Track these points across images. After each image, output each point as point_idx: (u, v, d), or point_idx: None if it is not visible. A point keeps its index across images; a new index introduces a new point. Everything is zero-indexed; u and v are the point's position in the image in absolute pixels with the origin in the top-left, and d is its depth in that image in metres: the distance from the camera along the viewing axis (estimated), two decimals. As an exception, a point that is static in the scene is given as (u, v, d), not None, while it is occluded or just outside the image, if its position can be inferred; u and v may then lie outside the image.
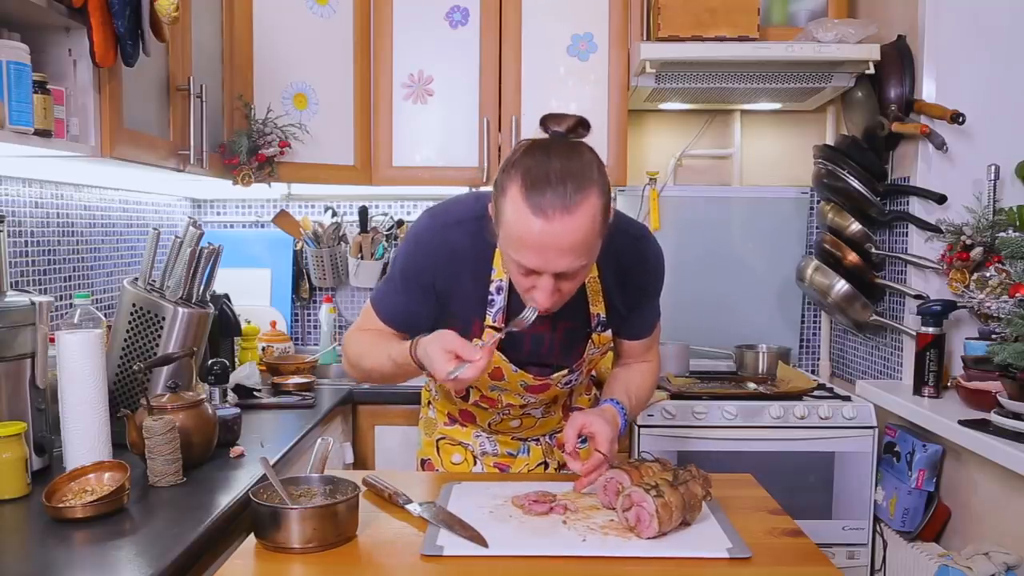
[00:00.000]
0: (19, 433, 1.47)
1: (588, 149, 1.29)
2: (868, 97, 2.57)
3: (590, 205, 1.23)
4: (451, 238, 1.46)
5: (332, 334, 3.05)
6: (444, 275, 1.47)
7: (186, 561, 1.26)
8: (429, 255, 1.47)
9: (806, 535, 1.31)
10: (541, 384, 1.56)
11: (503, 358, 1.51)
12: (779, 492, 1.60)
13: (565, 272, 1.27)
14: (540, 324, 1.43)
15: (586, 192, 1.22)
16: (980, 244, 2.22)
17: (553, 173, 1.22)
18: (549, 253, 1.24)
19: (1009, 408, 1.91)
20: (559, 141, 1.28)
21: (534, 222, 1.22)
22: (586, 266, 1.30)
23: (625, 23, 2.73)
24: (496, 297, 1.47)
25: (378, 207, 3.14)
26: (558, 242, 1.23)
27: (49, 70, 1.63)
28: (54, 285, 2.16)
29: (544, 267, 1.26)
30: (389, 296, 1.54)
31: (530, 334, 1.47)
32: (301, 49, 2.66)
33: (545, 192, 1.21)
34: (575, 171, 1.23)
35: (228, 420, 1.83)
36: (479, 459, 1.73)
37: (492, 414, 1.65)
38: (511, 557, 1.20)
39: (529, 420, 1.67)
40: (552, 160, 1.24)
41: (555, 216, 1.21)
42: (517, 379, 1.54)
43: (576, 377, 1.60)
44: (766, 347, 2.90)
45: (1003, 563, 1.88)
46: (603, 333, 1.55)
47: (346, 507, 1.26)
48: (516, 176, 1.24)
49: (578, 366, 1.57)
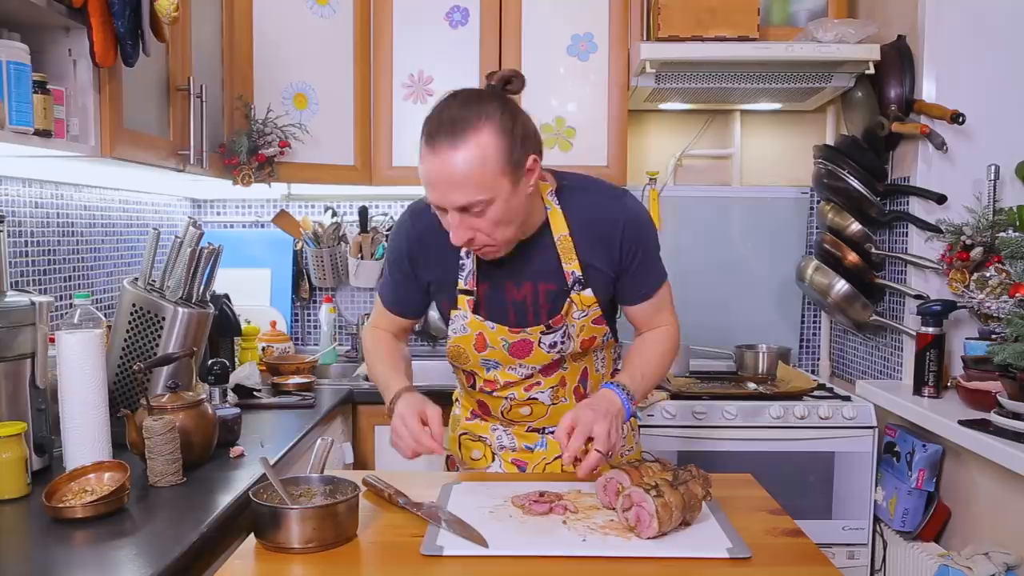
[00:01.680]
0: (19, 433, 1.47)
1: (500, 97, 1.43)
2: (868, 97, 2.57)
3: (480, 142, 1.35)
4: (418, 223, 1.60)
5: (332, 334, 3.05)
6: (421, 259, 1.61)
7: (186, 561, 1.26)
8: (403, 243, 1.63)
9: (806, 535, 1.31)
10: (520, 340, 1.58)
11: (480, 320, 1.58)
12: (779, 492, 1.59)
13: (466, 206, 1.38)
14: (520, 289, 1.57)
15: (476, 130, 1.35)
16: (980, 244, 2.22)
17: (447, 114, 1.38)
18: (442, 186, 1.38)
19: (1009, 408, 1.91)
20: (468, 91, 1.43)
21: (428, 159, 1.38)
22: (489, 202, 1.39)
23: (625, 23, 2.73)
24: (466, 260, 1.58)
25: (378, 207, 3.14)
26: (446, 175, 1.37)
27: (49, 70, 1.63)
28: (54, 285, 2.16)
29: (442, 201, 1.40)
30: (386, 286, 1.71)
31: (511, 301, 1.58)
32: (301, 49, 2.66)
33: (438, 131, 1.37)
34: (469, 113, 1.37)
35: (228, 420, 1.83)
36: (498, 455, 1.73)
37: (500, 400, 1.66)
38: (511, 557, 1.21)
39: (539, 407, 1.66)
40: (452, 105, 1.40)
41: (442, 150, 1.36)
42: (497, 337, 1.58)
43: (560, 340, 1.59)
44: (766, 347, 2.90)
45: (1003, 563, 1.88)
46: (582, 292, 1.56)
47: (346, 507, 1.26)
48: (425, 123, 1.41)
49: (556, 322, 1.57)
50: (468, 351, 1.61)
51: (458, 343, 1.61)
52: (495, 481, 1.57)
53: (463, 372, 1.69)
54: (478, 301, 1.59)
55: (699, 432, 2.44)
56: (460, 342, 1.61)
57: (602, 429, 1.43)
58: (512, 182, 1.40)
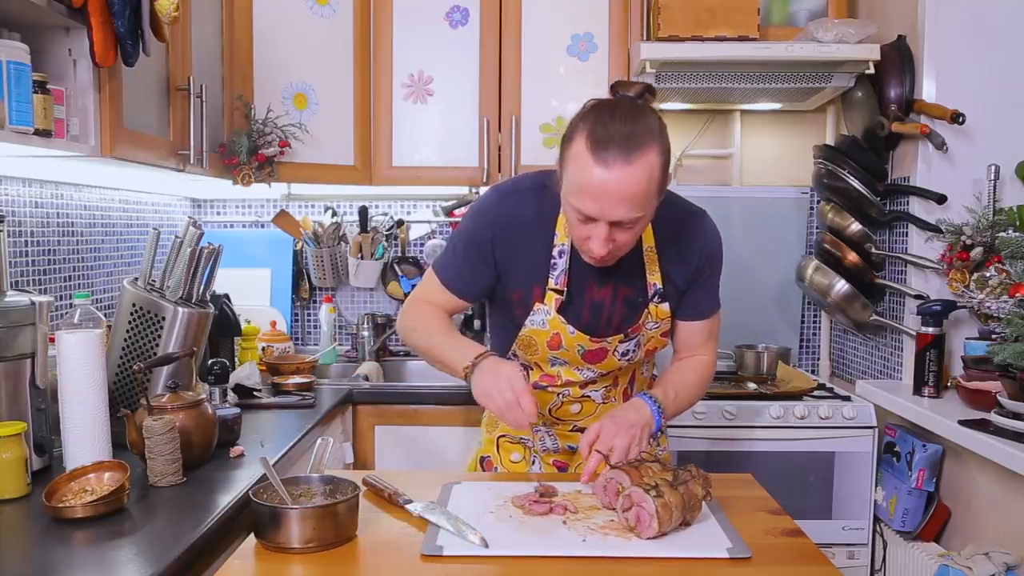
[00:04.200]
0: (19, 433, 1.47)
1: (652, 112, 1.40)
2: (868, 97, 2.57)
3: (648, 160, 1.34)
4: (510, 206, 1.57)
5: (332, 334, 3.05)
6: (504, 243, 1.56)
7: (186, 561, 1.26)
8: (489, 224, 1.57)
9: (806, 535, 1.31)
10: (598, 348, 1.58)
11: (562, 321, 1.56)
12: (779, 492, 1.60)
13: (620, 221, 1.37)
14: (601, 290, 1.56)
15: (646, 148, 1.33)
16: (980, 244, 2.22)
17: (617, 127, 1.34)
18: (607, 201, 1.34)
19: (1009, 408, 1.91)
20: (625, 102, 1.40)
21: (595, 170, 1.33)
22: (640, 220, 1.39)
23: (625, 23, 2.73)
24: (559, 260, 1.55)
25: (378, 207, 3.14)
26: (616, 190, 1.33)
27: (49, 70, 1.63)
28: (54, 285, 2.16)
29: (601, 214, 1.36)
30: (450, 263, 1.63)
31: (590, 301, 1.57)
32: (301, 49, 2.66)
33: (608, 144, 1.33)
34: (638, 128, 1.34)
35: (228, 420, 1.83)
36: (538, 457, 1.72)
37: (552, 396, 1.65)
38: (511, 557, 1.21)
39: (589, 405, 1.66)
40: (617, 116, 1.36)
41: (615, 165, 1.32)
42: (575, 343, 1.57)
43: (633, 348, 1.60)
44: (766, 347, 2.90)
45: (1003, 563, 1.88)
46: (660, 305, 1.59)
47: (346, 507, 1.26)
48: (583, 128, 1.36)
49: (634, 331, 1.59)
50: (540, 345, 1.59)
51: (533, 335, 1.59)
52: (495, 481, 1.57)
53: (520, 364, 1.66)
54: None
55: (699, 432, 2.44)
56: (535, 335, 1.59)
57: (622, 443, 1.44)
58: (659, 196, 1.41)
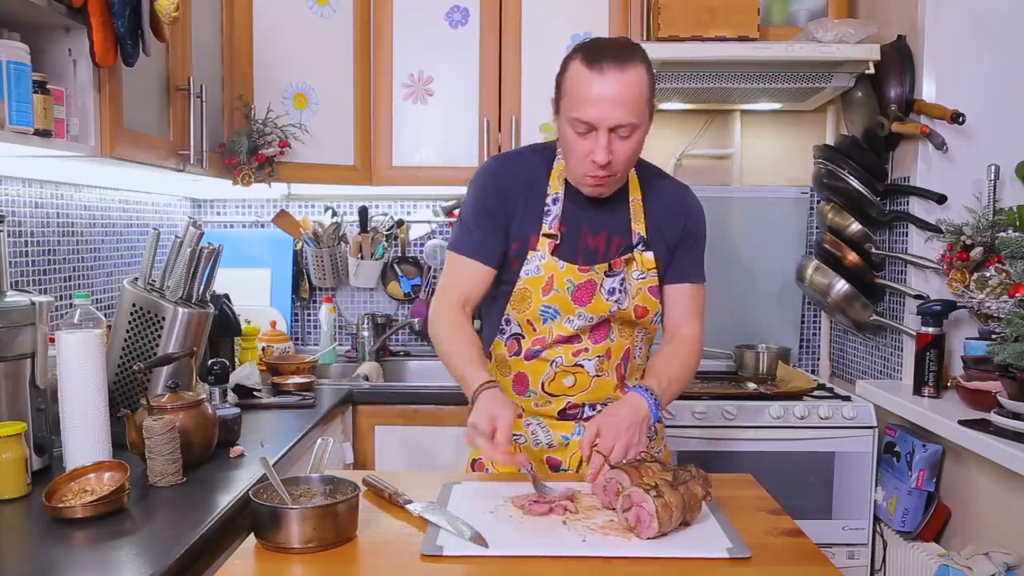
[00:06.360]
0: (19, 433, 1.47)
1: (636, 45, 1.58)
2: (868, 97, 2.57)
3: (639, 70, 1.50)
4: (507, 161, 1.72)
5: (332, 334, 3.05)
6: (504, 197, 1.66)
7: (186, 561, 1.26)
8: (491, 179, 1.68)
9: (806, 535, 1.31)
10: (586, 281, 1.63)
11: (555, 260, 1.63)
12: (779, 492, 1.60)
13: (617, 127, 1.49)
14: (595, 238, 1.65)
15: (637, 60, 1.51)
16: (980, 244, 2.22)
17: (607, 43, 1.55)
18: (605, 104, 1.48)
19: (1009, 408, 1.91)
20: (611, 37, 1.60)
21: (592, 77, 1.48)
22: (636, 129, 1.52)
23: (625, 23, 2.73)
24: (552, 207, 1.65)
25: (378, 207, 3.14)
26: (612, 94, 1.47)
27: (49, 70, 1.63)
28: (54, 285, 2.16)
29: (600, 119, 1.48)
30: (464, 237, 1.69)
31: (585, 246, 1.65)
32: (301, 49, 2.66)
33: (601, 56, 1.49)
34: (626, 45, 1.54)
35: (228, 420, 1.83)
36: (531, 465, 1.71)
37: (544, 366, 1.66)
38: (511, 557, 1.21)
39: (583, 378, 1.67)
40: (606, 39, 1.61)
41: (609, 71, 1.48)
42: (564, 278, 1.63)
43: (619, 290, 1.64)
44: (766, 347, 2.90)
45: (1003, 563, 1.88)
46: (644, 253, 1.67)
47: (346, 507, 1.26)
48: (576, 53, 1.53)
49: (616, 265, 1.64)
50: (534, 294, 1.64)
51: (528, 285, 1.64)
52: (495, 481, 1.57)
53: (512, 338, 1.68)
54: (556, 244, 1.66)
55: (699, 432, 2.44)
56: (529, 284, 1.64)
57: (622, 444, 1.46)
58: (649, 117, 1.55)
